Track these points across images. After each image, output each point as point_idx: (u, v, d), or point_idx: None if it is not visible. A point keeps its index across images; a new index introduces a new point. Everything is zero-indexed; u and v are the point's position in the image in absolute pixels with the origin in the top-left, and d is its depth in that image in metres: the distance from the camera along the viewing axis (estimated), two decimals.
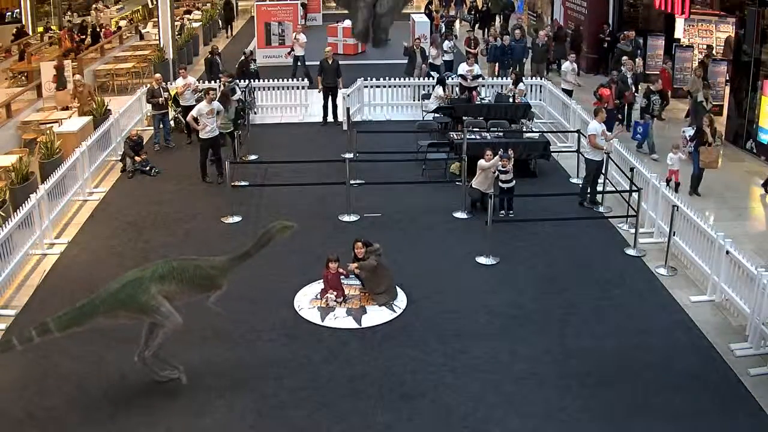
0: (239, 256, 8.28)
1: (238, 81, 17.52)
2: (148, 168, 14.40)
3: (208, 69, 19.53)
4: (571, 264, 10.82)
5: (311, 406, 7.74)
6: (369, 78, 18.45)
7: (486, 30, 27.11)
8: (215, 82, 17.72)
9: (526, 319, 9.42)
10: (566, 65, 18.08)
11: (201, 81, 17.67)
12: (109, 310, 7.52)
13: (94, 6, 34.51)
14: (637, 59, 18.71)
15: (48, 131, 15.23)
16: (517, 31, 21.52)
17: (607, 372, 8.33)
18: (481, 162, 12.20)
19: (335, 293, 9.73)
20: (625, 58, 18.02)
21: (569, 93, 17.42)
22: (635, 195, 11.75)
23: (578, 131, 14.54)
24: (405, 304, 9.72)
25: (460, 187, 12.62)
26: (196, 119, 13.69)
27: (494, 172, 12.18)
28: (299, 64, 21.42)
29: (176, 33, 23.67)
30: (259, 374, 8.10)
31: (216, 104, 13.84)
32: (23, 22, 29.41)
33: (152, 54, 23.18)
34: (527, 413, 7.67)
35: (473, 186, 12.34)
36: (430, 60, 20.05)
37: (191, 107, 14.90)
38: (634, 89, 16.92)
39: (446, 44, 21.62)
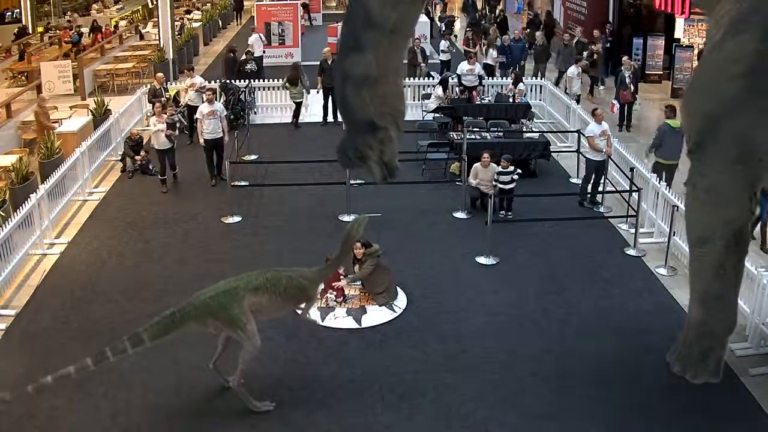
0: (329, 266, 8.32)
1: (231, 81, 17.69)
2: (148, 168, 14.39)
3: (229, 68, 19.43)
4: (571, 264, 10.82)
5: (311, 406, 7.74)
6: None
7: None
8: (238, 81, 17.94)
9: (526, 319, 9.42)
10: (571, 70, 17.98)
11: (218, 80, 17.79)
12: (199, 316, 7.31)
13: (93, 6, 34.56)
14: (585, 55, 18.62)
15: (48, 131, 15.21)
16: (516, 31, 21.59)
17: (607, 372, 8.33)
18: (477, 167, 12.21)
19: (335, 293, 9.73)
20: (625, 58, 18.01)
21: (576, 99, 17.16)
22: (635, 195, 11.75)
23: (578, 131, 14.54)
24: (405, 304, 9.72)
25: (460, 187, 12.63)
26: (197, 120, 13.73)
27: (494, 182, 12.18)
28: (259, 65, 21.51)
29: (176, 33, 23.68)
30: (259, 374, 8.09)
31: (217, 105, 13.81)
32: (23, 22, 29.40)
33: (152, 54, 23.18)
34: (527, 413, 7.67)
35: (473, 186, 12.34)
36: (485, 60, 19.99)
37: (196, 107, 14.90)
38: (633, 89, 16.88)
39: (443, 44, 21.66)
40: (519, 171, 12.32)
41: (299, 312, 8.26)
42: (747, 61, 7.17)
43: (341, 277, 9.83)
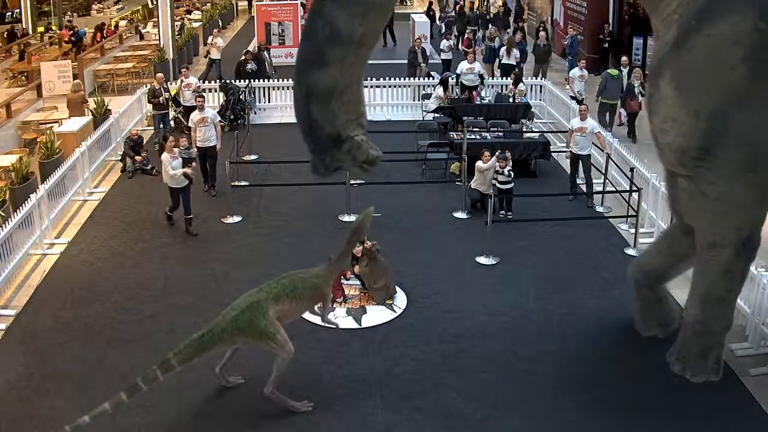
0: (337, 259, 8.14)
1: (231, 81, 17.72)
2: (148, 168, 14.40)
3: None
4: (571, 264, 10.82)
5: (311, 406, 7.74)
6: (369, 78, 18.44)
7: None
8: (267, 80, 18.17)
9: (526, 319, 9.41)
10: (574, 72, 17.92)
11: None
12: (229, 337, 7.36)
13: (93, 6, 34.56)
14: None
15: (48, 131, 15.24)
16: (518, 34, 21.61)
17: (607, 372, 8.34)
18: (479, 164, 12.22)
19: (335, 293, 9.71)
20: (633, 66, 17.94)
21: (578, 101, 17.11)
22: (635, 195, 11.76)
23: None
24: (405, 304, 9.72)
25: (460, 187, 12.63)
26: (192, 129, 13.56)
27: (494, 176, 12.19)
28: (213, 65, 21.44)
29: (176, 33, 23.68)
30: (259, 374, 8.08)
31: (209, 112, 13.48)
32: (23, 22, 29.40)
33: (152, 54, 23.19)
34: (527, 413, 7.67)
35: (472, 187, 12.36)
36: (504, 60, 19.94)
37: (192, 108, 14.85)
38: (640, 98, 16.59)
39: (444, 43, 21.67)
40: (509, 169, 12.29)
41: (320, 315, 8.31)
42: (747, 43, 6.88)
43: (344, 276, 9.86)
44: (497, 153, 12.16)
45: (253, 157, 15.19)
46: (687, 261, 8.64)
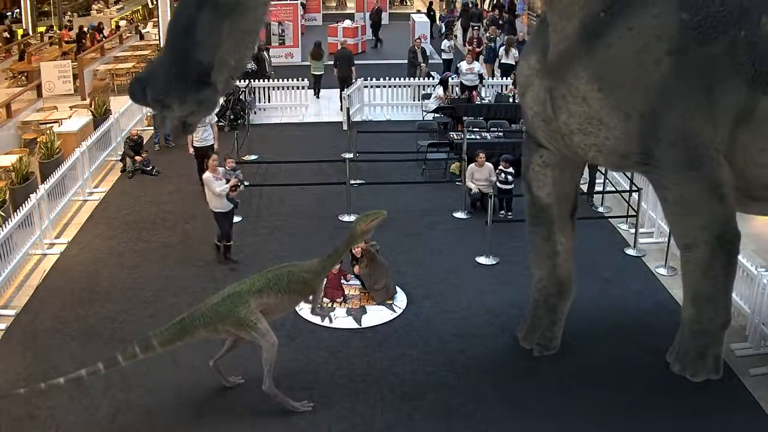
0: (330, 255, 7.94)
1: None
2: (148, 168, 14.40)
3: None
4: None
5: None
6: (369, 78, 18.47)
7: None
8: (266, 80, 18.28)
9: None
10: None
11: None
12: (209, 323, 7.36)
13: (93, 6, 34.55)
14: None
15: (48, 131, 15.25)
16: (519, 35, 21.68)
17: (606, 372, 8.33)
18: (472, 166, 12.22)
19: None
20: None
21: None
22: (635, 195, 11.76)
23: None
24: (405, 304, 9.72)
25: (460, 187, 12.63)
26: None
27: (494, 179, 12.21)
28: None
29: None
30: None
31: None
32: (23, 22, 29.40)
33: (152, 54, 23.19)
34: (527, 413, 7.67)
35: (470, 187, 12.36)
36: (504, 60, 19.94)
37: None
38: None
39: (445, 43, 21.68)
40: (512, 171, 12.29)
41: (309, 308, 8.28)
42: (671, 35, 6.73)
43: (345, 277, 9.87)
44: (501, 163, 12.15)
45: (253, 157, 15.19)
46: (559, 256, 8.41)
